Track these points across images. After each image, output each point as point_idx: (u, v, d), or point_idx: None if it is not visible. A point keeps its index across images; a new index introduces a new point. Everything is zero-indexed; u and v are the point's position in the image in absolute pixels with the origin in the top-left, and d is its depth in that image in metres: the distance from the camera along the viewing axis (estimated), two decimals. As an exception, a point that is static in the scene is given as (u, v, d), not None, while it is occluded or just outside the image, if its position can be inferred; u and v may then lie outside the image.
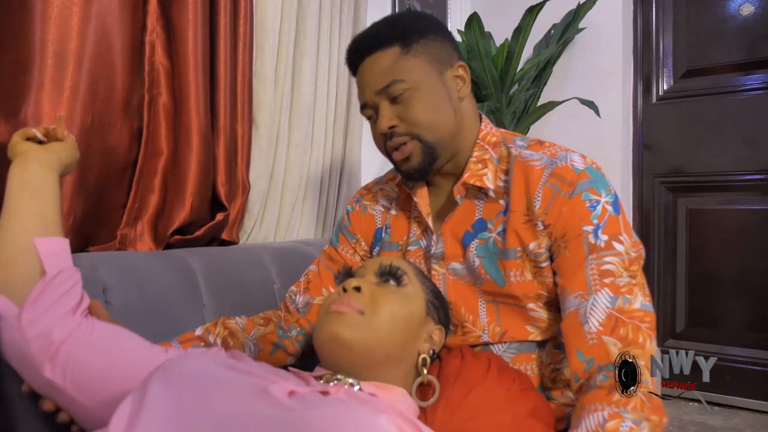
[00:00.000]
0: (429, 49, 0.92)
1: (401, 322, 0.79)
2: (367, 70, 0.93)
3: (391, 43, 0.91)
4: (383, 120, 0.92)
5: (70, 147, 0.89)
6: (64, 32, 1.05)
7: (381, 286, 0.82)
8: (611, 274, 0.82)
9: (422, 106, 0.90)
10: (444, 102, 0.92)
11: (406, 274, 0.84)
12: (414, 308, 0.82)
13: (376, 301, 0.79)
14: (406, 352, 0.80)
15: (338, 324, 0.75)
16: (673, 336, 2.35)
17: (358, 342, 0.74)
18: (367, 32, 0.96)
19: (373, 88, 0.92)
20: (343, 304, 0.77)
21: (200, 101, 1.22)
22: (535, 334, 0.93)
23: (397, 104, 0.91)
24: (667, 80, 2.42)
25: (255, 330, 1.05)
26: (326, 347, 0.77)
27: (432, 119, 0.91)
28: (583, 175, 0.87)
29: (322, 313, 0.80)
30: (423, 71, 0.91)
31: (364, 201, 1.13)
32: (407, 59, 0.90)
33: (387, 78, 0.90)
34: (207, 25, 1.25)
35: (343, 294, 0.80)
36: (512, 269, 0.91)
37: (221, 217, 1.32)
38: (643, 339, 0.79)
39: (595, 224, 0.85)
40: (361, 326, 0.75)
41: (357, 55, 0.95)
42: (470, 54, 2.12)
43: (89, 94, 1.10)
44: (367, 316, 0.76)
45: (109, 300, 0.95)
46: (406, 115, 0.91)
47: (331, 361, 0.77)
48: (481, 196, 0.95)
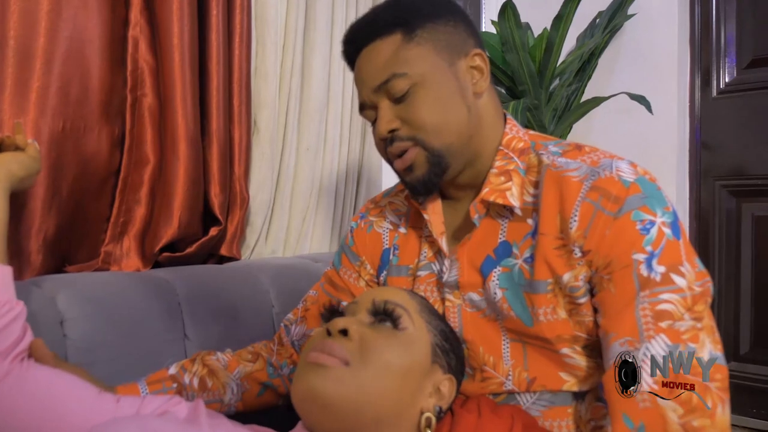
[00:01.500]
0: (437, 35, 0.77)
1: (397, 375, 0.65)
2: (364, 63, 0.79)
3: (392, 30, 0.76)
4: (382, 122, 0.78)
5: (26, 157, 0.80)
6: (29, 27, 0.96)
7: (374, 328, 0.69)
8: (669, 316, 0.66)
9: (428, 105, 0.76)
10: (455, 99, 0.77)
11: (406, 312, 0.70)
12: (415, 356, 0.68)
13: (366, 348, 0.65)
14: (404, 411, 0.66)
15: (317, 378, 0.62)
16: (737, 358, 2.17)
17: (342, 402, 0.62)
18: (364, 17, 0.82)
19: (370, 84, 0.78)
20: (324, 353, 0.64)
21: (188, 102, 1.11)
22: (571, 383, 0.77)
23: (399, 103, 0.77)
24: (728, 72, 2.23)
25: (240, 367, 0.92)
26: (304, 406, 0.65)
27: (440, 121, 0.76)
28: (633, 189, 0.70)
29: (301, 363, 0.67)
30: (429, 62, 0.76)
31: (370, 217, 0.97)
32: (410, 48, 0.76)
33: (386, 72, 0.76)
34: (196, 16, 1.13)
35: (326, 338, 0.66)
36: (542, 306, 0.75)
37: (216, 231, 1.20)
38: (713, 404, 0.63)
39: (648, 252, 0.68)
40: (346, 381, 0.62)
41: (352, 45, 0.81)
42: (505, 46, 1.98)
43: (60, 96, 1.00)
44: (354, 368, 0.63)
45: (68, 333, 0.84)
46: (409, 116, 0.76)
47: (311, 422, 0.65)
48: (506, 213, 0.79)
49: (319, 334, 0.69)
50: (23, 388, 0.64)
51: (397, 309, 0.69)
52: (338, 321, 0.67)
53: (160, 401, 0.71)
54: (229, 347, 0.95)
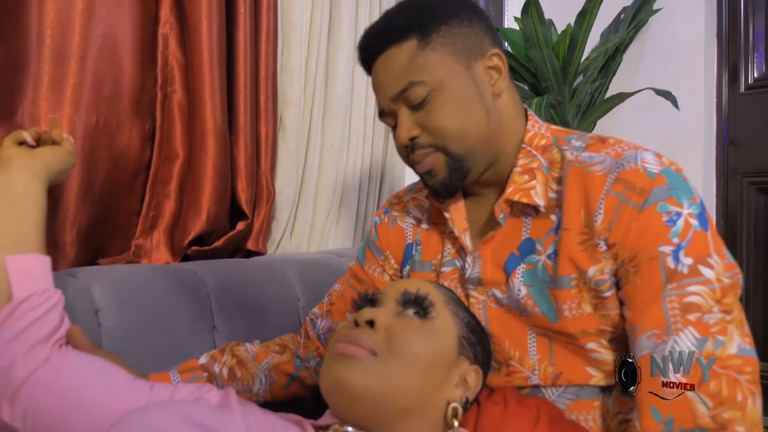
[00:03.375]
0: (453, 38, 0.77)
1: (424, 366, 0.66)
2: (380, 70, 0.79)
3: (406, 36, 0.76)
4: (402, 131, 0.78)
5: (63, 152, 0.82)
6: (65, 26, 0.98)
7: (402, 319, 0.69)
8: (697, 309, 0.66)
9: (447, 111, 0.76)
10: (474, 103, 0.77)
11: (434, 304, 0.70)
12: (441, 346, 0.68)
13: (392, 339, 0.66)
14: (431, 401, 0.67)
15: (344, 369, 0.63)
16: (765, 359, 2.10)
17: (369, 392, 0.62)
18: (377, 24, 0.82)
19: (388, 92, 0.78)
20: (351, 344, 0.65)
21: (216, 99, 1.13)
22: (598, 378, 0.77)
23: (417, 110, 0.77)
24: (757, 67, 2.19)
25: (268, 359, 0.94)
26: (332, 396, 0.65)
27: (460, 126, 0.76)
28: (659, 180, 0.70)
29: (328, 353, 0.68)
30: (447, 67, 0.76)
31: (393, 212, 0.98)
32: (426, 55, 0.76)
33: (403, 80, 0.76)
34: (224, 14, 1.15)
35: (354, 329, 0.67)
36: (566, 301, 0.75)
37: (243, 226, 1.21)
38: (743, 397, 0.63)
39: (675, 244, 0.68)
40: (373, 372, 0.63)
41: (367, 53, 0.81)
42: (528, 43, 1.98)
43: (94, 93, 1.03)
44: (381, 359, 0.64)
45: (102, 323, 0.86)
46: (428, 123, 0.77)
47: (339, 411, 0.65)
48: (530, 211, 0.80)
49: (346, 325, 0.70)
50: (61, 372, 0.66)
51: (424, 300, 0.70)
52: (365, 312, 0.68)
53: (192, 388, 0.72)
54: (256, 339, 0.97)
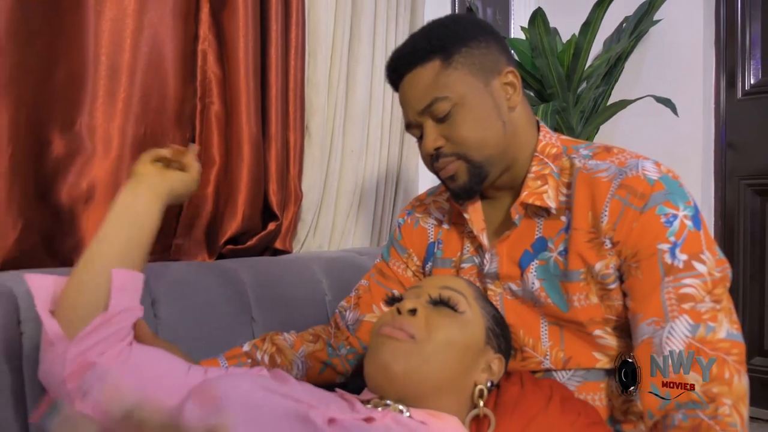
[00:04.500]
0: (472, 59, 0.85)
1: (457, 351, 0.74)
2: (407, 88, 0.88)
3: (430, 57, 0.85)
4: (428, 141, 0.86)
5: (190, 179, 0.86)
6: (117, 44, 1.07)
7: (437, 310, 0.77)
8: (691, 299, 0.74)
9: (469, 124, 0.84)
10: (492, 116, 0.86)
11: (465, 298, 0.79)
12: (472, 336, 0.77)
13: (431, 327, 0.74)
14: (460, 382, 0.75)
15: (389, 353, 0.72)
16: (761, 354, 2.20)
17: (410, 373, 0.71)
18: (403, 47, 0.90)
19: (415, 107, 0.87)
20: (395, 328, 0.73)
21: (251, 109, 1.21)
22: (603, 362, 0.85)
23: (441, 123, 0.85)
24: (754, 74, 2.27)
25: (304, 347, 1.02)
26: (375, 377, 0.74)
27: (480, 137, 0.85)
28: (657, 186, 0.78)
29: (374, 336, 0.77)
30: (467, 84, 0.84)
31: (416, 213, 1.07)
32: (449, 73, 0.84)
33: (428, 96, 0.84)
34: (258, 32, 1.24)
35: (397, 316, 0.76)
36: (576, 293, 0.83)
37: (273, 226, 1.30)
38: (730, 375, 0.71)
39: (671, 242, 0.76)
40: (413, 355, 0.72)
41: (395, 73, 0.90)
42: (534, 52, 2.04)
43: (142, 105, 1.10)
44: (420, 343, 0.73)
45: (158, 314, 0.95)
46: (452, 135, 0.85)
47: (380, 388, 0.74)
48: (542, 213, 0.88)
49: (388, 313, 0.78)
50: (126, 363, 0.73)
51: (457, 295, 0.78)
52: (407, 302, 0.76)
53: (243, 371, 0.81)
54: (290, 329, 1.06)
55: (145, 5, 1.09)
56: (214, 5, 1.21)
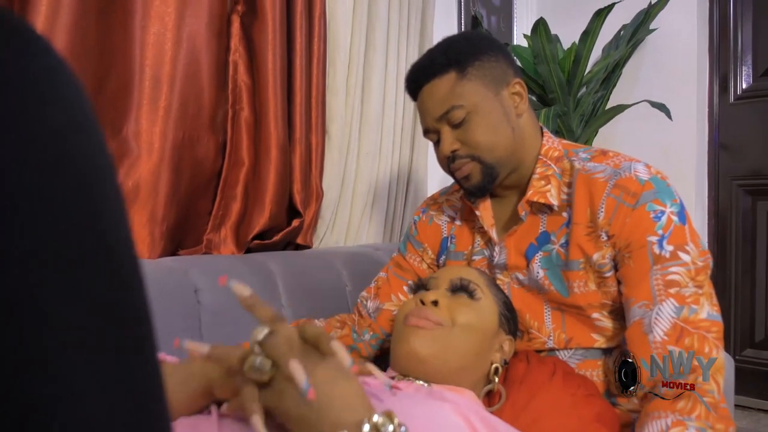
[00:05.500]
0: (484, 71, 0.94)
1: (477, 334, 0.83)
2: (426, 97, 0.97)
3: (447, 70, 0.94)
4: (445, 145, 0.96)
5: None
6: (160, 56, 1.16)
7: (456, 298, 0.86)
8: (677, 284, 0.83)
9: (482, 129, 0.93)
10: (502, 122, 0.95)
11: (479, 287, 0.88)
12: (488, 320, 0.85)
13: (452, 314, 0.82)
14: (479, 362, 0.84)
15: (417, 339, 0.79)
16: (752, 345, 2.27)
17: (435, 357, 0.78)
18: (422, 61, 0.99)
19: (433, 115, 0.96)
20: (421, 318, 0.81)
21: (278, 115, 1.31)
22: (600, 342, 0.95)
23: (457, 128, 0.94)
24: (746, 79, 2.34)
25: (333, 333, 1.11)
26: (403, 360, 0.81)
27: (491, 141, 0.94)
28: (647, 186, 0.88)
29: (400, 325, 0.84)
30: (480, 94, 0.93)
31: (430, 211, 1.17)
32: (464, 84, 0.93)
33: (446, 105, 0.93)
34: (285, 44, 1.33)
35: (421, 307, 0.83)
36: (576, 280, 0.93)
37: (297, 223, 1.40)
38: (710, 349, 0.80)
39: (659, 234, 0.85)
40: (439, 341, 0.79)
41: (415, 84, 0.99)
42: (536, 59, 2.12)
43: (180, 111, 1.20)
44: (445, 330, 0.81)
45: (201, 300, 1.05)
46: (466, 139, 0.94)
47: (408, 371, 0.81)
48: (546, 210, 0.97)
49: (411, 303, 0.86)
50: None
51: (473, 283, 0.87)
52: (429, 294, 0.84)
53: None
54: (315, 316, 1.16)
55: (183, 20, 1.19)
56: (244, 20, 1.31)
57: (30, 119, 0.22)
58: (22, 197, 0.22)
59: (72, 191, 0.24)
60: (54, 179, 0.23)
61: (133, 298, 0.26)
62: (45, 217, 0.22)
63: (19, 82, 0.22)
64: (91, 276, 0.24)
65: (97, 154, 0.25)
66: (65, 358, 0.22)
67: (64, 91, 0.25)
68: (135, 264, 0.26)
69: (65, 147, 0.24)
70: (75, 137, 0.24)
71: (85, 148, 0.25)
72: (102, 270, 0.24)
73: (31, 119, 0.22)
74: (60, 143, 0.24)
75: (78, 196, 0.24)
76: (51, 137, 0.23)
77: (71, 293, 0.23)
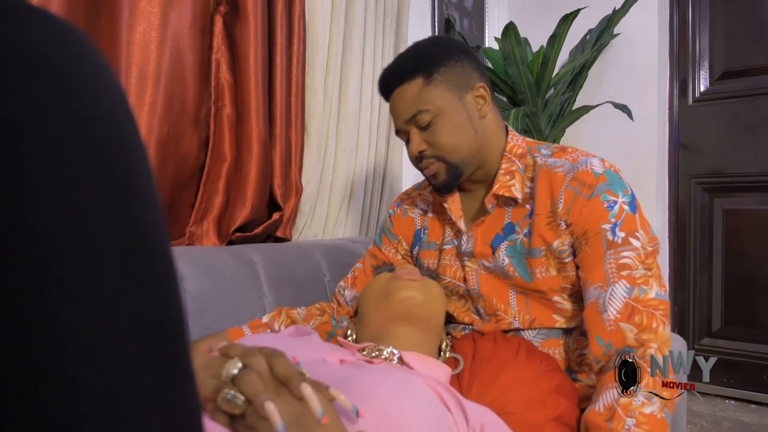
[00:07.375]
0: (449, 76, 1.00)
1: (443, 303, 1.03)
2: (396, 101, 1.04)
3: (414, 75, 1.00)
4: (413, 146, 1.03)
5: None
6: (145, 55, 1.20)
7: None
8: (628, 267, 0.91)
9: (446, 132, 1.00)
10: (466, 124, 1.01)
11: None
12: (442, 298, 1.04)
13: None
14: (439, 333, 1.00)
15: (414, 288, 0.95)
16: (709, 335, 2.37)
17: (427, 305, 0.95)
18: (392, 66, 1.06)
19: (402, 117, 1.03)
20: (412, 274, 0.98)
21: (260, 112, 1.36)
22: (561, 323, 1.03)
23: (424, 130, 1.01)
24: (703, 82, 2.44)
25: (313, 320, 1.17)
26: (399, 307, 0.94)
27: (455, 142, 1.01)
28: (602, 179, 0.95)
29: (382, 289, 0.98)
30: (445, 98, 1.00)
31: (404, 205, 1.24)
32: (430, 89, 0.99)
33: (413, 108, 1.00)
34: (266, 44, 1.38)
35: (403, 270, 0.99)
36: (538, 267, 1.00)
37: (277, 216, 1.45)
38: (657, 324, 0.88)
39: (612, 222, 0.93)
40: (427, 289, 0.97)
41: (386, 88, 1.06)
42: (507, 61, 2.18)
43: (165, 108, 1.24)
44: (429, 283, 1.00)
45: (186, 288, 1.10)
46: (432, 141, 1.01)
47: (398, 318, 0.94)
48: (511, 203, 1.05)
49: (385, 276, 1.00)
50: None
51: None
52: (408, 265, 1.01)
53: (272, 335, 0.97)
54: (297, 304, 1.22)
55: (168, 20, 1.23)
56: (227, 20, 1.36)
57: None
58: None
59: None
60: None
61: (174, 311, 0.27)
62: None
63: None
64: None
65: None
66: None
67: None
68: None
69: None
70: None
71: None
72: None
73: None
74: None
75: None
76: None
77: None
